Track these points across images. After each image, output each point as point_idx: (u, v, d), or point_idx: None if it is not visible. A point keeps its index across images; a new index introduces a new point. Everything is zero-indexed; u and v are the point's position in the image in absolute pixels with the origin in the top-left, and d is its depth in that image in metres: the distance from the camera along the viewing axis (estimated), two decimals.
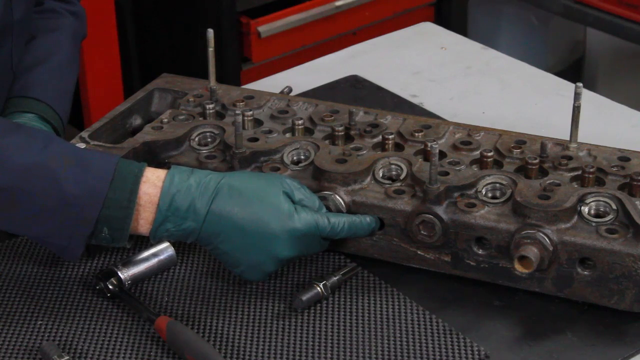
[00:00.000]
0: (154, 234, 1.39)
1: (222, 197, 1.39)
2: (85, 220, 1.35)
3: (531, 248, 1.39)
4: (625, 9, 3.26)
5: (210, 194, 1.38)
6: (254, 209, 1.39)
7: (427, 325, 1.41)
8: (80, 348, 1.37)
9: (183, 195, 1.37)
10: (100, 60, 3.13)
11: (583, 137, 1.58)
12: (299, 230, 1.40)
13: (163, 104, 1.75)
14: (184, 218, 1.37)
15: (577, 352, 1.37)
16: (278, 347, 1.37)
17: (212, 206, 1.38)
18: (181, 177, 1.39)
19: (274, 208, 1.40)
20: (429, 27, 2.30)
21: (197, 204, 1.37)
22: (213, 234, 1.38)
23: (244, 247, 1.39)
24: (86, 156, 1.38)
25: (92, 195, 1.34)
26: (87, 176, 1.35)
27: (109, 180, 1.35)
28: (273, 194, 1.41)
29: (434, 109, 1.92)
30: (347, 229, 1.45)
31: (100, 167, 1.36)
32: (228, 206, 1.38)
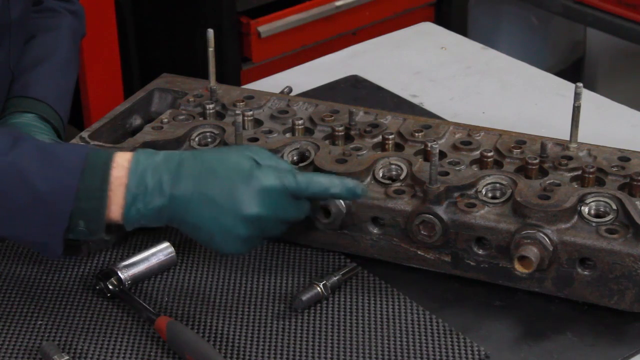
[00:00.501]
0: (126, 216, 1.36)
1: (187, 167, 1.37)
2: (60, 216, 1.33)
3: (531, 248, 1.39)
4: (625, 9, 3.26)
5: (175, 166, 1.36)
6: (217, 172, 1.37)
7: (427, 325, 1.41)
8: (80, 348, 1.37)
9: (150, 172, 1.36)
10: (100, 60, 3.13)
11: (583, 137, 1.58)
12: (262, 185, 1.36)
13: (163, 104, 1.75)
14: (152, 194, 1.35)
15: (577, 352, 1.37)
16: (278, 347, 1.37)
17: (177, 177, 1.36)
18: (147, 155, 1.38)
19: (236, 168, 1.37)
20: (429, 27, 2.30)
21: (163, 177, 1.35)
22: (182, 206, 1.36)
23: (213, 214, 1.36)
24: (55, 151, 1.36)
25: (63, 190, 1.33)
26: (57, 171, 1.34)
27: (79, 173, 1.33)
28: (235, 156, 1.39)
29: (434, 109, 1.92)
30: (317, 186, 1.41)
31: (70, 160, 1.35)
32: (193, 175, 1.36)
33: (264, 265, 1.52)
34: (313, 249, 1.55)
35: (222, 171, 1.37)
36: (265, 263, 1.53)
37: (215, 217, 1.36)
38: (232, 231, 1.37)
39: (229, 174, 1.37)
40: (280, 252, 1.55)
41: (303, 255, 1.54)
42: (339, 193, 1.42)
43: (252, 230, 1.37)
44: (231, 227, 1.36)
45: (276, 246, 1.56)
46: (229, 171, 1.37)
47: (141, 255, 1.49)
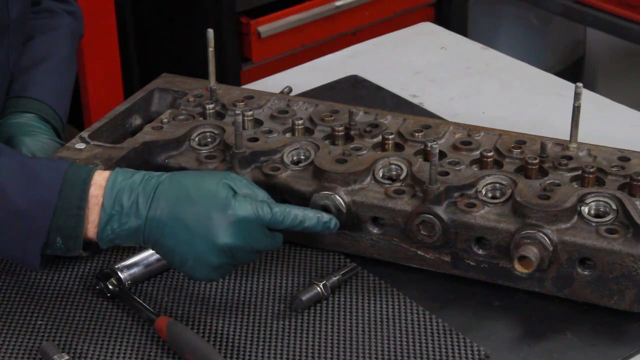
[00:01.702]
0: (101, 235, 1.36)
1: (163, 190, 1.36)
2: (37, 232, 1.33)
3: (531, 248, 1.39)
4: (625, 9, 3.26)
5: (151, 189, 1.36)
6: (193, 198, 1.36)
7: (427, 325, 1.41)
8: (80, 348, 1.37)
9: (127, 193, 1.36)
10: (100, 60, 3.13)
11: (583, 137, 1.58)
12: (236, 216, 1.36)
13: (163, 104, 1.75)
14: (128, 215, 1.35)
15: (577, 352, 1.37)
16: (278, 347, 1.37)
17: (154, 200, 1.36)
18: (125, 175, 1.38)
19: (212, 196, 1.37)
20: (429, 27, 2.30)
21: (139, 199, 1.35)
22: (157, 229, 1.36)
23: (187, 239, 1.36)
24: (34, 166, 1.36)
25: (41, 206, 1.33)
26: (36, 187, 1.33)
27: (57, 190, 1.33)
28: (212, 183, 1.38)
29: (434, 109, 1.92)
30: (291, 220, 1.40)
31: (49, 177, 1.34)
32: (169, 199, 1.36)
33: (264, 265, 1.52)
34: (313, 249, 1.55)
35: (198, 197, 1.37)
36: (265, 263, 1.53)
37: (189, 244, 1.36)
38: (205, 259, 1.37)
39: (204, 201, 1.36)
40: (280, 252, 1.55)
41: (303, 255, 1.54)
42: (313, 227, 1.43)
43: (224, 259, 1.37)
44: (204, 255, 1.36)
45: None
46: (205, 198, 1.36)
47: (141, 255, 1.49)
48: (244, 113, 1.63)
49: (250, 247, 1.38)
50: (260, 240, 1.39)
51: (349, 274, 1.48)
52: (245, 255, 1.39)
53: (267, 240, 1.40)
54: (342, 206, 1.48)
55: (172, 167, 1.57)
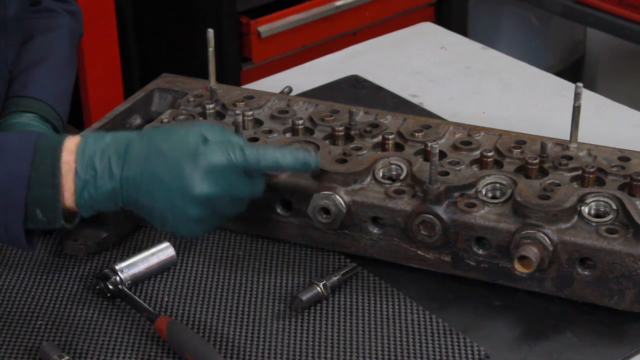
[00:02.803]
0: (78, 202, 1.33)
1: (134, 148, 1.33)
2: (14, 206, 1.31)
3: (531, 248, 1.39)
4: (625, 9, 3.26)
5: (123, 148, 1.33)
6: (164, 151, 1.33)
7: (427, 325, 1.41)
8: (80, 348, 1.37)
9: (98, 155, 1.33)
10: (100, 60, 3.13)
11: (583, 137, 1.58)
12: (208, 163, 1.32)
13: (163, 104, 1.75)
14: (102, 178, 1.32)
15: (577, 352, 1.37)
16: (278, 347, 1.37)
17: (127, 160, 1.32)
18: (95, 138, 1.34)
19: (182, 146, 1.33)
20: (429, 27, 2.30)
21: (112, 161, 1.32)
22: (133, 188, 1.32)
23: (164, 195, 1.32)
24: (3, 140, 1.34)
25: (14, 179, 1.30)
26: (6, 159, 1.31)
27: (29, 160, 1.31)
28: (182, 134, 1.35)
29: (434, 109, 1.92)
30: (267, 160, 1.36)
31: (19, 148, 1.32)
32: (141, 156, 1.33)
33: (264, 265, 1.52)
34: (313, 249, 1.55)
35: (169, 150, 1.33)
36: (265, 263, 1.53)
37: (166, 198, 1.32)
38: (184, 212, 1.33)
39: (175, 153, 1.33)
40: (280, 252, 1.55)
41: (303, 255, 1.54)
42: (291, 165, 1.39)
43: (204, 210, 1.34)
44: (182, 208, 1.33)
45: (276, 246, 1.56)
46: (176, 150, 1.33)
47: (141, 255, 1.49)
48: (244, 113, 1.63)
49: (228, 195, 1.34)
50: (237, 186, 1.35)
51: (349, 274, 1.48)
52: (226, 205, 1.35)
53: (246, 186, 1.36)
54: (342, 206, 1.48)
55: None
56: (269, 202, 1.53)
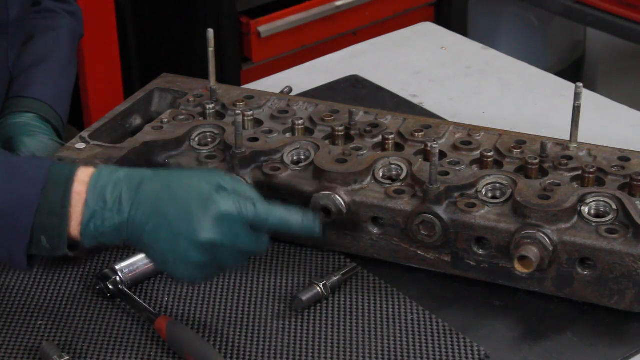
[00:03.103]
0: (84, 232, 1.32)
1: (147, 186, 1.33)
2: (20, 231, 1.30)
3: (531, 248, 1.39)
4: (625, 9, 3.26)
5: (136, 184, 1.33)
6: (176, 194, 1.33)
7: (427, 325, 1.41)
8: (80, 348, 1.37)
9: (111, 188, 1.32)
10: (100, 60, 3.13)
11: (583, 137, 1.58)
12: (218, 211, 1.31)
13: (163, 104, 1.75)
14: (111, 211, 1.32)
15: (577, 352, 1.37)
16: (278, 347, 1.37)
17: (137, 196, 1.32)
18: (109, 170, 1.35)
19: (194, 191, 1.33)
20: (429, 27, 2.30)
21: (123, 195, 1.32)
22: (140, 226, 1.32)
23: (168, 236, 1.32)
24: (18, 164, 1.34)
25: (23, 204, 1.30)
26: (18, 184, 1.31)
27: (40, 187, 1.31)
28: (197, 179, 1.35)
29: (434, 109, 1.92)
30: (276, 218, 1.35)
31: (32, 174, 1.32)
32: (152, 195, 1.32)
33: (264, 265, 1.52)
34: (313, 249, 1.55)
35: (181, 193, 1.33)
36: (265, 263, 1.53)
37: (170, 239, 1.32)
38: (186, 256, 1.32)
39: (187, 197, 1.32)
40: (280, 252, 1.55)
41: (303, 255, 1.54)
42: (298, 229, 1.38)
43: (206, 257, 1.32)
44: (184, 252, 1.32)
45: (276, 246, 1.56)
46: (188, 193, 1.33)
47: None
48: (244, 113, 1.63)
49: (232, 246, 1.33)
50: (243, 239, 1.34)
51: (349, 274, 1.48)
52: (228, 256, 1.34)
53: (251, 241, 1.35)
54: (342, 206, 1.48)
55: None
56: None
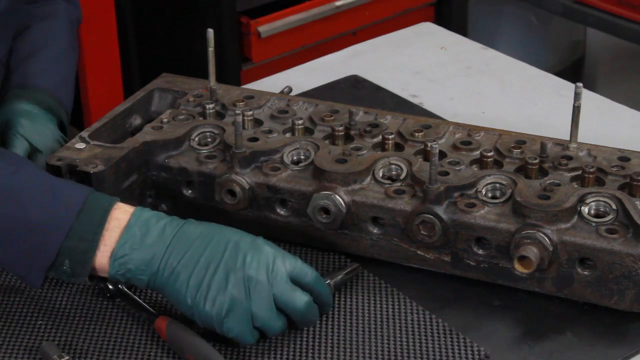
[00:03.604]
0: (115, 255, 1.32)
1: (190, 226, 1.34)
2: (47, 251, 1.31)
3: (531, 248, 1.39)
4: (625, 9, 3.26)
5: (179, 221, 1.35)
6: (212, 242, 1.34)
7: (427, 325, 1.41)
8: (80, 348, 1.37)
9: (155, 219, 1.34)
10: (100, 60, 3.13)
11: (583, 137, 1.58)
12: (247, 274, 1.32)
13: (163, 104, 1.75)
14: (151, 236, 1.33)
15: (577, 352, 1.37)
16: (278, 347, 1.37)
17: (179, 232, 1.33)
18: (150, 212, 1.36)
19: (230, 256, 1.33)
20: (429, 27, 2.30)
21: (166, 229, 1.33)
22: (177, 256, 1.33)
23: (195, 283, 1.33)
24: (58, 184, 1.35)
25: (56, 224, 1.31)
26: (55, 204, 1.32)
27: (76, 211, 1.31)
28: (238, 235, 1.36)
29: (434, 109, 1.92)
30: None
31: (70, 197, 1.33)
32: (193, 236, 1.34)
33: None
34: (313, 249, 1.55)
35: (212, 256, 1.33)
36: None
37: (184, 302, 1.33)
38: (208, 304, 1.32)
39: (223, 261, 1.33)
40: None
41: (303, 255, 1.54)
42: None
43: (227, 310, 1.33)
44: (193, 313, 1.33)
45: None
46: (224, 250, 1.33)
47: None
48: (244, 113, 1.63)
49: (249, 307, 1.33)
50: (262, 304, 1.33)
51: (351, 273, 1.48)
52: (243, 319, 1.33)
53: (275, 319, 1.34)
54: (342, 206, 1.48)
55: (172, 167, 1.57)
56: (269, 202, 1.53)
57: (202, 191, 1.56)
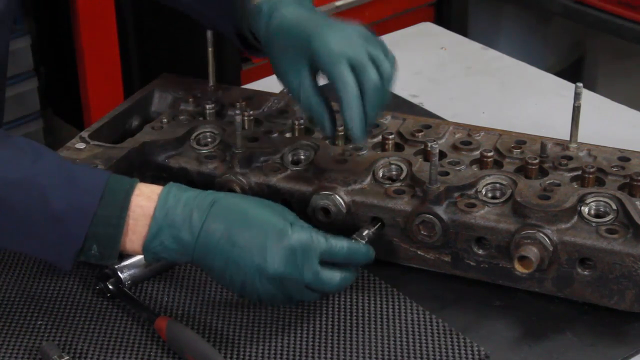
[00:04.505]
0: (148, 246, 1.33)
1: (220, 209, 1.34)
2: (73, 238, 1.31)
3: (531, 248, 1.39)
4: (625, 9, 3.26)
5: (207, 206, 1.33)
6: (249, 222, 1.33)
7: (427, 325, 1.41)
8: (80, 348, 1.37)
9: (180, 206, 1.33)
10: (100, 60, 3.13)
11: (583, 137, 1.58)
12: (291, 243, 1.33)
13: (163, 104, 1.75)
14: (180, 229, 1.32)
15: (577, 352, 1.37)
16: (278, 347, 1.37)
17: (209, 217, 1.33)
18: (179, 189, 1.35)
19: (267, 222, 1.34)
20: (429, 27, 2.30)
21: (194, 214, 1.32)
22: (208, 247, 1.33)
23: (237, 262, 1.32)
24: (76, 171, 1.34)
25: (80, 212, 1.30)
26: (76, 192, 1.31)
27: (98, 196, 1.31)
28: (269, 211, 1.36)
29: (434, 109, 1.92)
30: (346, 251, 1.37)
31: (90, 183, 1.32)
32: (225, 218, 1.33)
33: None
34: None
35: (254, 222, 1.33)
36: None
37: (240, 266, 1.33)
38: (254, 284, 1.33)
39: (260, 226, 1.33)
40: None
41: None
42: (363, 260, 1.41)
43: (273, 289, 1.34)
44: (254, 281, 1.33)
45: None
46: (260, 223, 1.33)
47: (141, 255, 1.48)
48: (244, 113, 1.63)
49: (300, 279, 1.34)
50: (307, 274, 1.34)
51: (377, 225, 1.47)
52: (295, 288, 1.35)
53: (318, 278, 1.35)
54: (342, 206, 1.48)
55: (172, 167, 1.57)
56: None
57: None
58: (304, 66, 1.47)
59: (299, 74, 1.47)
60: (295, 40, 1.47)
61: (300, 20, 1.49)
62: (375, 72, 1.43)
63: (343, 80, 1.43)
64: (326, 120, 1.48)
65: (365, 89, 1.43)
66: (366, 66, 1.43)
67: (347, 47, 1.43)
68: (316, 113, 1.47)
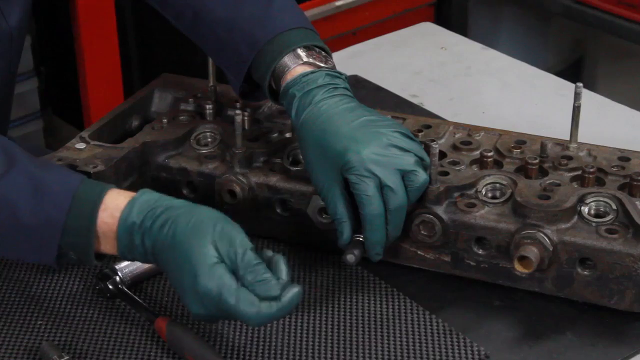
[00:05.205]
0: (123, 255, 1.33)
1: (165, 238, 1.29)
2: (48, 248, 1.32)
3: (531, 248, 1.39)
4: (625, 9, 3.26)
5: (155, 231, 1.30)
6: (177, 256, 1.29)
7: (427, 325, 1.41)
8: (80, 348, 1.37)
9: (138, 228, 1.30)
10: (100, 60, 3.13)
11: (583, 137, 1.58)
12: (201, 290, 1.27)
13: (163, 104, 1.75)
14: (137, 250, 1.31)
15: (577, 352, 1.37)
16: (278, 347, 1.37)
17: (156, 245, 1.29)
18: (141, 207, 1.31)
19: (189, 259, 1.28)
20: (429, 27, 2.30)
21: (146, 243, 1.30)
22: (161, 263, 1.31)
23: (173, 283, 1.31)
24: (45, 181, 1.33)
25: (49, 225, 1.30)
26: (44, 205, 1.31)
27: (65, 209, 1.30)
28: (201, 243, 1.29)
29: (434, 109, 1.92)
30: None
31: (58, 195, 1.31)
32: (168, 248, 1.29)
33: None
34: (313, 249, 1.55)
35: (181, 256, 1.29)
36: None
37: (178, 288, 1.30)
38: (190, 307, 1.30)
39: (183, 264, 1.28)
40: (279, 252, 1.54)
41: (303, 255, 1.54)
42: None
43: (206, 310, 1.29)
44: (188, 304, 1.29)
45: (276, 246, 1.56)
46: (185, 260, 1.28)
47: None
48: (243, 113, 1.63)
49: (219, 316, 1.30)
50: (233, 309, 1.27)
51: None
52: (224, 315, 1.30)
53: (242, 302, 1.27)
54: None
55: (172, 167, 1.57)
56: (269, 202, 1.53)
57: (202, 191, 1.56)
58: (334, 171, 1.42)
59: (328, 177, 1.42)
60: (327, 145, 1.42)
61: (334, 123, 1.44)
62: (403, 192, 1.40)
63: (369, 201, 1.39)
64: (346, 230, 1.42)
65: (390, 209, 1.40)
66: (394, 189, 1.39)
67: (378, 167, 1.39)
68: (338, 221, 1.42)
